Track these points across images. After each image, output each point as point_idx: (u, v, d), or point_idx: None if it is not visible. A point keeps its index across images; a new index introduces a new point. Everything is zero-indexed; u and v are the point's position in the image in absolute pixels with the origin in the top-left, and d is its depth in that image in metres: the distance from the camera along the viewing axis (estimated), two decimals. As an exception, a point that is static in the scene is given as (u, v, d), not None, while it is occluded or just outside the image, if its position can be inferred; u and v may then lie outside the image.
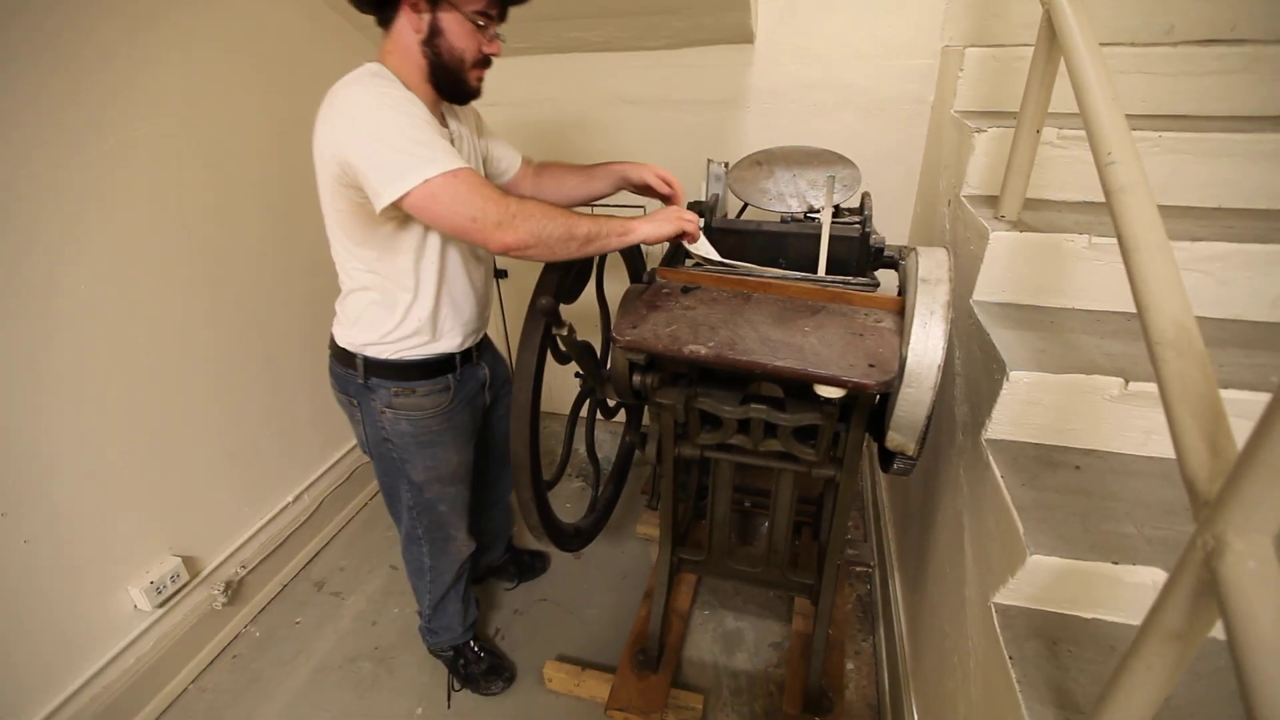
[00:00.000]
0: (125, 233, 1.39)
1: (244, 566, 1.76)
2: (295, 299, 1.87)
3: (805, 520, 1.73)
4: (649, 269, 1.20)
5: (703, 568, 1.48)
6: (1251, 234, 1.12)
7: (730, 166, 1.57)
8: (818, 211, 1.31)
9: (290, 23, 1.73)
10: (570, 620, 1.78)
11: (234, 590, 1.72)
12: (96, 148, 1.31)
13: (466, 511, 1.44)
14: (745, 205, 1.51)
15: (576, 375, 1.35)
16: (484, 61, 1.11)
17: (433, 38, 1.04)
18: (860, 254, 1.35)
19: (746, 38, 1.83)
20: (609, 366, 1.18)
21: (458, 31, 1.04)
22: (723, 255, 1.45)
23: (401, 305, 1.16)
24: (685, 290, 1.11)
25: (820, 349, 0.91)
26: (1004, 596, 0.93)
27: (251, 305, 1.72)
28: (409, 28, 1.04)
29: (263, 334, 1.77)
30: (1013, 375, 1.00)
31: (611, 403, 1.36)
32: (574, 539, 1.38)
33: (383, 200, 0.95)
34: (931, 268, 0.91)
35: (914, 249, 1.35)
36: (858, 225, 1.33)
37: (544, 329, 1.08)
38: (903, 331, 0.94)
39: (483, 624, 1.78)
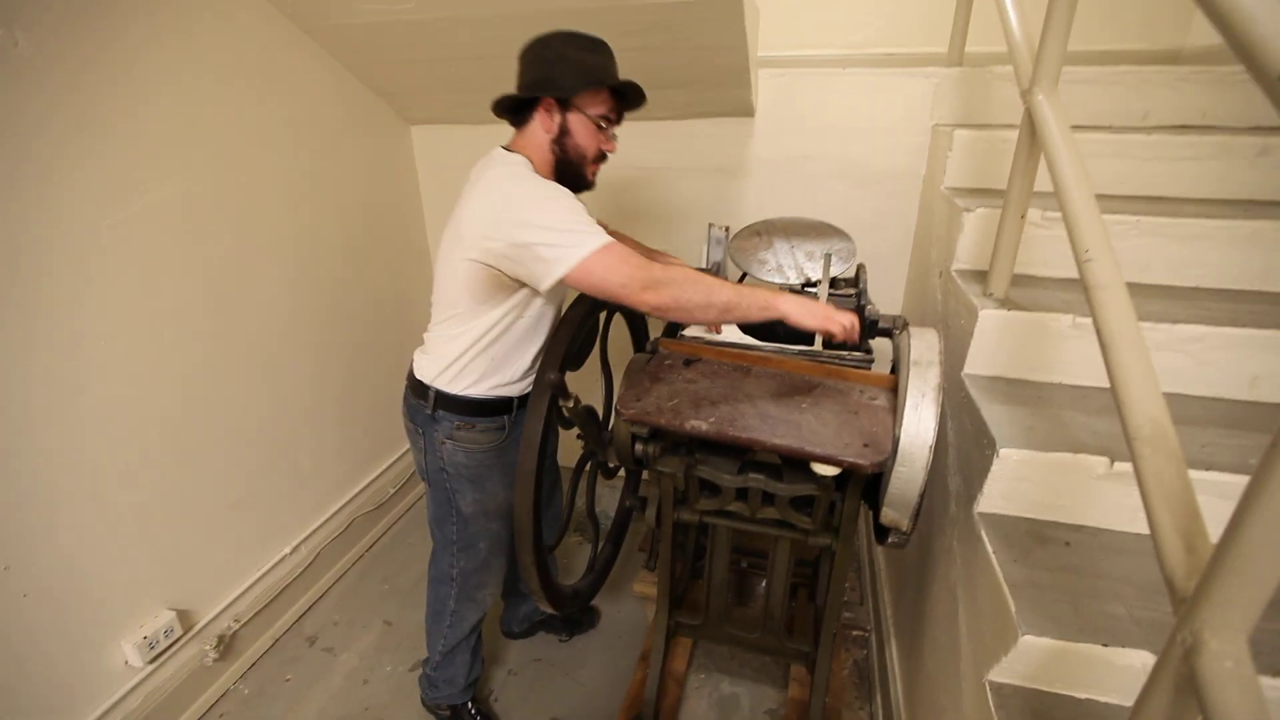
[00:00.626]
0: (137, 287, 1.43)
1: (237, 620, 1.75)
2: (304, 348, 1.91)
3: (801, 581, 1.73)
4: (652, 339, 1.25)
5: (699, 632, 1.47)
6: (1227, 316, 1.17)
7: (731, 235, 1.64)
8: (815, 284, 1.36)
9: (317, 89, 1.83)
10: (565, 682, 1.76)
11: (226, 644, 1.70)
12: (123, 210, 1.37)
13: (505, 562, 1.48)
14: (744, 274, 1.57)
15: (579, 437, 1.38)
16: (601, 157, 1.26)
17: (562, 136, 1.19)
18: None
19: (747, 112, 1.93)
20: (611, 432, 1.21)
21: (583, 132, 1.19)
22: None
23: (485, 350, 1.24)
24: (687, 363, 1.15)
25: (817, 427, 0.94)
26: (998, 674, 0.94)
27: (259, 354, 1.76)
28: (541, 128, 1.19)
29: (269, 381, 1.81)
30: (1002, 452, 1.03)
31: (612, 464, 1.39)
32: (572, 601, 1.38)
33: (549, 281, 1.07)
34: (923, 350, 0.96)
35: (906, 326, 1.41)
36: (853, 297, 1.39)
37: (550, 399, 1.12)
38: (896, 410, 0.98)
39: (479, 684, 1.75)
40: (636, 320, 1.66)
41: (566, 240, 1.05)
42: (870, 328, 1.39)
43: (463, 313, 1.23)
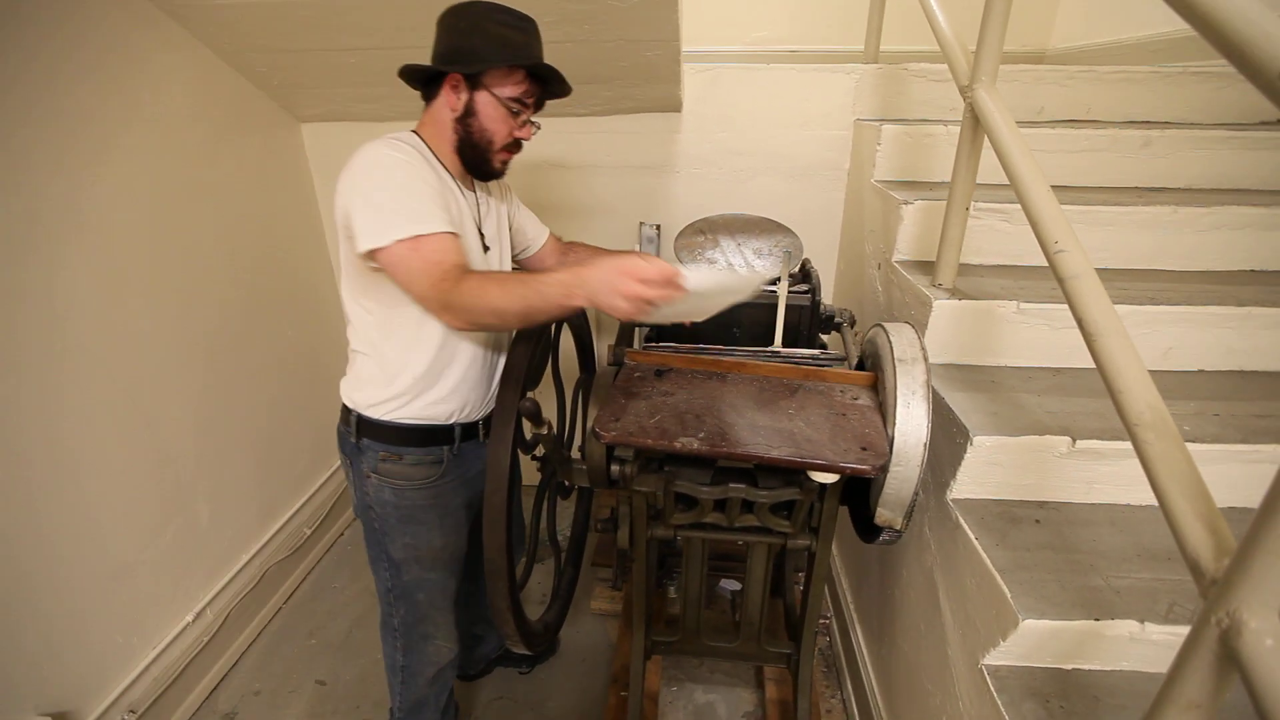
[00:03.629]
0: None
1: (133, 710, 1.48)
2: (188, 384, 1.65)
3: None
4: (616, 348, 1.17)
5: (676, 648, 1.42)
6: (1143, 295, 1.28)
7: (662, 233, 1.59)
8: (775, 283, 1.34)
9: (183, 81, 1.57)
10: (532, 718, 1.64)
11: (121, 743, 1.43)
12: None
13: (451, 608, 1.32)
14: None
15: (535, 458, 1.27)
16: (513, 145, 1.15)
17: (466, 117, 1.09)
18: (811, 320, 1.39)
19: (675, 107, 1.89)
20: (582, 454, 1.13)
21: (491, 115, 1.09)
22: (675, 325, 1.45)
23: (396, 363, 1.12)
24: (659, 374, 1.09)
25: (810, 434, 0.91)
26: (995, 658, 0.96)
27: (130, 395, 1.49)
28: (446, 105, 1.09)
29: (147, 426, 1.53)
30: (976, 440, 1.06)
31: (568, 484, 1.30)
32: (544, 636, 1.28)
33: (359, 247, 0.99)
34: (905, 347, 0.95)
35: (854, 321, 1.43)
36: (808, 294, 1.38)
37: (516, 426, 1.01)
38: (883, 409, 0.97)
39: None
40: (580, 331, 1.57)
41: (385, 221, 0.97)
42: (826, 322, 1.39)
43: (352, 311, 1.14)
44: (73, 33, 1.30)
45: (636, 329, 1.47)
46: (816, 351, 1.13)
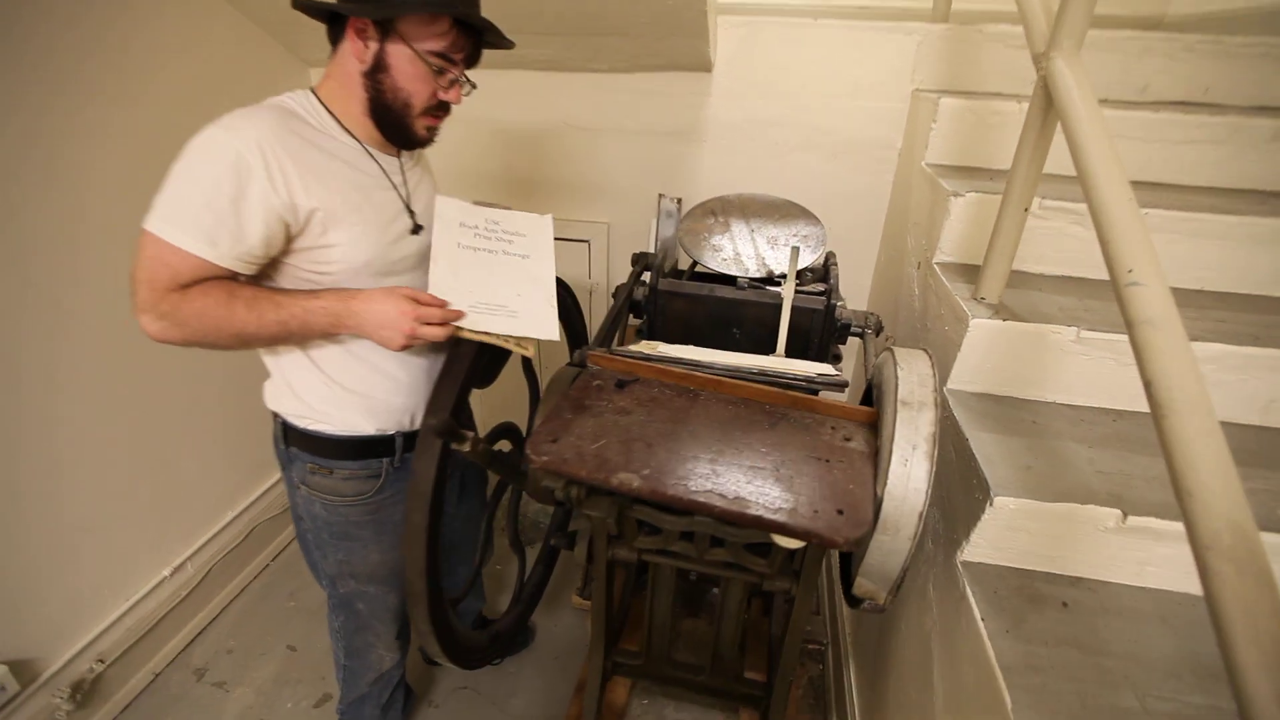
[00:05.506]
0: None
1: (101, 661, 1.48)
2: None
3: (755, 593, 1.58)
4: (579, 350, 1.02)
5: (639, 671, 1.30)
6: (1246, 331, 1.02)
7: (682, 213, 1.40)
8: (780, 279, 1.15)
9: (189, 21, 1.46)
10: (493, 713, 1.57)
11: (86, 692, 1.44)
12: None
13: (394, 620, 1.22)
14: (694, 264, 1.34)
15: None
16: (439, 108, 0.96)
17: (376, 71, 0.90)
18: (824, 327, 1.20)
19: (704, 66, 1.67)
20: (528, 467, 0.99)
21: (407, 72, 0.90)
22: (669, 321, 1.28)
23: (318, 369, 0.98)
24: (620, 384, 0.93)
25: (776, 486, 0.74)
26: (986, 770, 0.78)
27: (120, 344, 1.44)
28: (352, 54, 0.90)
29: (139, 377, 1.50)
30: (997, 501, 0.86)
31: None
32: (489, 650, 1.18)
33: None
34: (913, 386, 0.76)
35: (880, 329, 1.22)
36: (822, 297, 1.19)
37: (442, 445, 0.88)
38: (876, 459, 0.79)
39: (392, 721, 1.55)
40: (568, 313, 1.42)
41: (157, 204, 0.82)
42: (841, 331, 1.20)
43: None
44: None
45: (627, 322, 1.31)
46: (814, 372, 0.95)
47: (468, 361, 0.92)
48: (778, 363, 1.01)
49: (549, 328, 0.99)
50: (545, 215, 1.06)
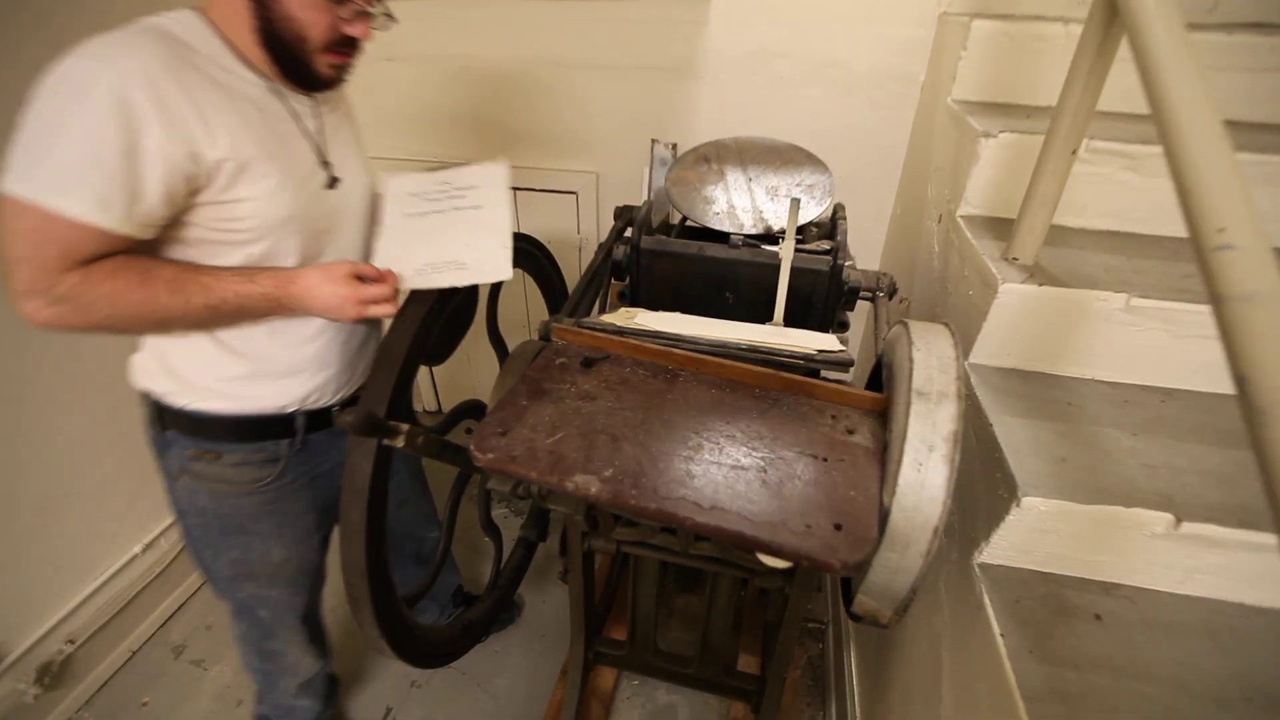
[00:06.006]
0: None
1: (71, 642, 1.43)
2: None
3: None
4: (545, 321, 0.88)
5: (623, 663, 1.22)
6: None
7: (673, 163, 1.24)
8: (779, 236, 1.00)
9: None
10: (477, 694, 1.52)
11: (55, 674, 1.39)
12: None
13: (303, 626, 1.12)
14: (684, 219, 1.19)
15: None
16: (344, 44, 0.80)
17: None
18: (829, 291, 1.05)
19: (700, -11, 1.47)
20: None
21: (298, 0, 0.75)
22: (655, 284, 1.14)
23: (200, 342, 0.85)
24: (587, 363, 0.80)
25: (763, 491, 0.62)
26: (999, 806, 0.69)
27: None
28: None
29: (94, 341, 1.38)
30: (1026, 502, 0.74)
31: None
32: (461, 642, 1.09)
33: None
34: (931, 372, 0.62)
35: (894, 291, 1.07)
36: (828, 256, 1.04)
37: (378, 441, 0.76)
38: (884, 457, 0.66)
39: (371, 700, 1.51)
40: (544, 271, 1.28)
41: (19, 160, 0.67)
42: (849, 296, 1.05)
43: None
44: None
45: (608, 286, 1.17)
46: (813, 347, 0.81)
47: (408, 339, 0.79)
48: (772, 335, 0.87)
49: (501, 269, 0.88)
50: (498, 162, 0.93)
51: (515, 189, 1.84)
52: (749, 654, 1.41)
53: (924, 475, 0.59)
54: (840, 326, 1.09)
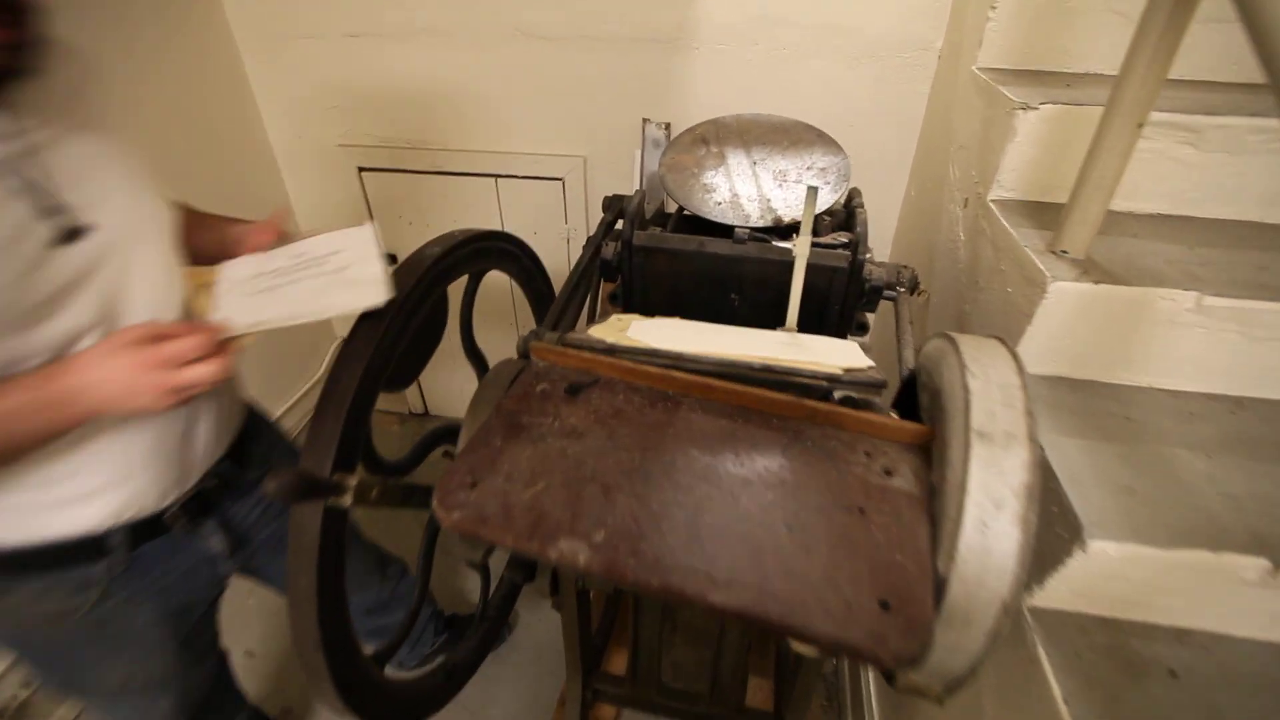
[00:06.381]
0: None
1: (27, 685, 1.32)
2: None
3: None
4: (524, 337, 0.76)
5: (625, 700, 1.12)
6: None
7: (666, 146, 1.11)
8: (793, 229, 0.87)
9: None
10: (470, 724, 1.43)
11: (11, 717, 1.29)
12: None
13: (182, 711, 0.92)
14: (680, 210, 1.06)
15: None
16: None
17: None
18: (848, 289, 0.93)
19: (691, -51, 1.32)
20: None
21: None
22: (649, 286, 1.02)
23: None
24: (573, 390, 0.68)
25: (791, 560, 0.50)
26: None
27: None
28: None
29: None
30: (1093, 546, 0.63)
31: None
32: (442, 691, 0.98)
33: None
34: (994, 407, 0.50)
35: (917, 287, 0.95)
36: (846, 250, 0.91)
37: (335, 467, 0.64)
38: (931, 506, 0.54)
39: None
40: (530, 276, 1.15)
41: None
42: (872, 295, 0.93)
43: None
44: None
45: (597, 289, 1.05)
46: (839, 364, 0.69)
47: (359, 369, 0.66)
48: (788, 347, 0.75)
49: (377, 292, 0.70)
50: (363, 225, 0.78)
51: (496, 176, 1.71)
52: (760, 676, 1.31)
53: (990, 539, 0.47)
54: (859, 329, 0.97)
